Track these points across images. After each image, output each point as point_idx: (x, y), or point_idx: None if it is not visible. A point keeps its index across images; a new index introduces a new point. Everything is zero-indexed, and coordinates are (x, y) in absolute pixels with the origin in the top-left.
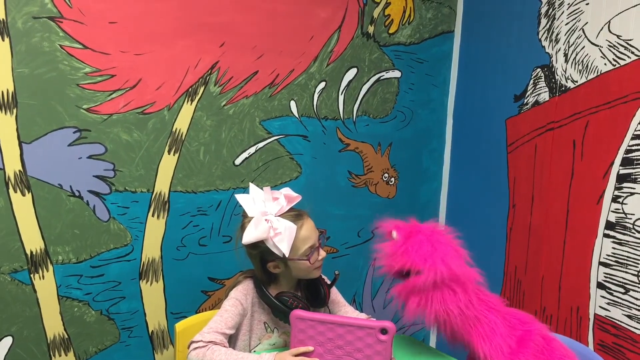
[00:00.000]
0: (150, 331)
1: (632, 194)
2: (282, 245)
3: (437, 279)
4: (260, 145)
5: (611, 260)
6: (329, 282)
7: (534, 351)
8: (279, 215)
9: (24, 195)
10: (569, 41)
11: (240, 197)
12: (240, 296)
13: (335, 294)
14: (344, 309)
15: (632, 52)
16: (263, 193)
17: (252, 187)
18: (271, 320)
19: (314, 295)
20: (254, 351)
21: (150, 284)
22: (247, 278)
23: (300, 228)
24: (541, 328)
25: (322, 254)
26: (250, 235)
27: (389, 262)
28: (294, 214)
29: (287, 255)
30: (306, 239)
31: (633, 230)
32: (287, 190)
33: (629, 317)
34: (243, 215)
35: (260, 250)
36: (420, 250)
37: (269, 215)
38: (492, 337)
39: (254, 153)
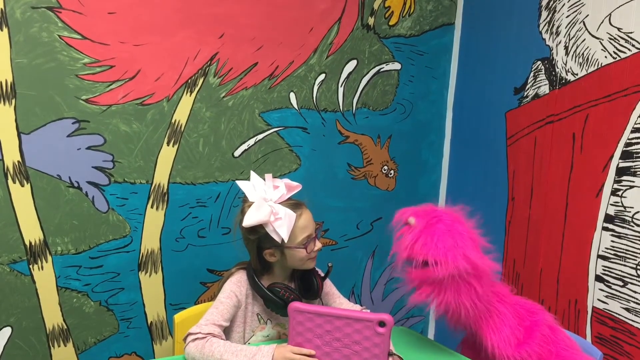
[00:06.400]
0: (149, 322)
1: (631, 187)
2: (282, 230)
3: (457, 273)
4: (260, 137)
5: (610, 254)
6: (322, 275)
7: (540, 341)
8: (279, 203)
9: (22, 186)
10: (569, 34)
11: (241, 183)
12: (235, 288)
13: (329, 286)
14: (338, 300)
15: (633, 45)
16: (264, 181)
17: (253, 175)
18: (264, 311)
19: (306, 287)
20: (248, 343)
21: (149, 275)
22: (240, 270)
23: (299, 217)
24: (548, 318)
25: (318, 245)
26: (251, 218)
27: (407, 252)
28: (293, 203)
29: (285, 241)
30: (304, 228)
31: (632, 224)
32: (287, 180)
33: (627, 310)
34: (243, 200)
35: (259, 236)
36: (440, 243)
37: (269, 202)
38: (501, 329)
39: (253, 145)
